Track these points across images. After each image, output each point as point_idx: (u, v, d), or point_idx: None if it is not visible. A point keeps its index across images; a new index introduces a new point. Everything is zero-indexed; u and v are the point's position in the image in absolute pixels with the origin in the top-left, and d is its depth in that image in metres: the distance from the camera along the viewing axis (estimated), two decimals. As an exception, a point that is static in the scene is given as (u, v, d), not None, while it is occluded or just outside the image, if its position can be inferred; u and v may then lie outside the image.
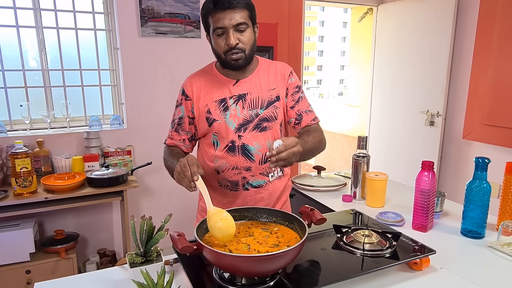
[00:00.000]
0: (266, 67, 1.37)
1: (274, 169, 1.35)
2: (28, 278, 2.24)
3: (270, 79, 1.35)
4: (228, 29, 1.20)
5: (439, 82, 3.28)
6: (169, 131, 1.40)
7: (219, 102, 1.30)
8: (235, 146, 1.30)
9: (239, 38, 1.22)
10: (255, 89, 1.32)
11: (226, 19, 1.19)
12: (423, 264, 1.06)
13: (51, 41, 2.58)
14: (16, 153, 2.10)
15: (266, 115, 1.32)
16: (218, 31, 1.21)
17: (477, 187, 1.27)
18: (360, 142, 1.69)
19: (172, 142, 1.38)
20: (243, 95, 1.31)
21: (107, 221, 2.79)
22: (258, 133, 1.31)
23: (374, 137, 4.04)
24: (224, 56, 1.24)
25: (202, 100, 1.31)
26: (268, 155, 1.07)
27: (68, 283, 1.03)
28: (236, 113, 1.29)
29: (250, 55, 1.27)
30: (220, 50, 1.24)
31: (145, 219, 1.00)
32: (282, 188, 1.42)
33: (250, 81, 1.32)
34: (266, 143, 1.31)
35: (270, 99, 1.32)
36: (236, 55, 1.23)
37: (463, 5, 3.12)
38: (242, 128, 1.30)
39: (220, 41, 1.22)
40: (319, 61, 39.48)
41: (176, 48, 2.79)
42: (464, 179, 3.24)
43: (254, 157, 1.30)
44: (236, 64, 1.25)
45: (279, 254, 0.86)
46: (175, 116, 1.37)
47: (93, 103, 2.77)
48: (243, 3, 1.20)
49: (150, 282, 0.82)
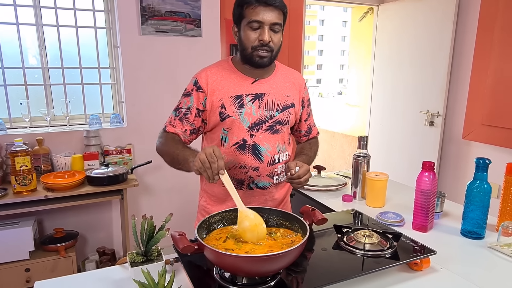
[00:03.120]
0: (283, 72, 1.40)
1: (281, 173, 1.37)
2: (27, 276, 2.24)
3: (287, 85, 1.37)
4: (265, 25, 1.20)
5: (439, 82, 3.28)
6: (171, 118, 1.34)
7: (235, 98, 1.28)
8: (246, 144, 1.29)
9: (272, 37, 1.22)
10: (272, 91, 1.33)
11: (266, 14, 1.19)
12: (423, 265, 1.06)
13: (51, 39, 2.57)
14: (15, 151, 2.10)
15: (281, 118, 1.33)
16: (254, 24, 1.20)
17: (477, 187, 1.27)
18: (361, 142, 1.69)
19: (173, 130, 1.32)
20: (261, 94, 1.31)
21: (106, 220, 2.79)
22: (270, 135, 1.31)
23: (374, 137, 4.04)
24: (251, 50, 1.24)
25: (217, 94, 1.29)
26: (290, 176, 1.22)
27: (69, 282, 1.03)
28: (251, 112, 1.29)
29: (275, 57, 1.29)
30: (250, 43, 1.23)
31: (146, 219, 1.00)
32: (285, 192, 1.43)
33: (268, 82, 1.33)
34: (276, 146, 1.32)
35: (285, 104, 1.34)
36: (264, 53, 1.23)
37: (463, 5, 3.12)
38: (255, 128, 1.29)
39: (253, 35, 1.22)
40: (319, 60, 39.48)
41: (177, 46, 2.79)
42: (463, 179, 3.24)
43: (263, 158, 1.30)
44: (260, 62, 1.25)
45: (280, 255, 0.86)
46: (182, 105, 1.32)
47: (93, 101, 2.76)
48: (283, 6, 1.23)
49: (151, 281, 0.81)
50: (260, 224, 1.01)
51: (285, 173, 1.32)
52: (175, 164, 1.25)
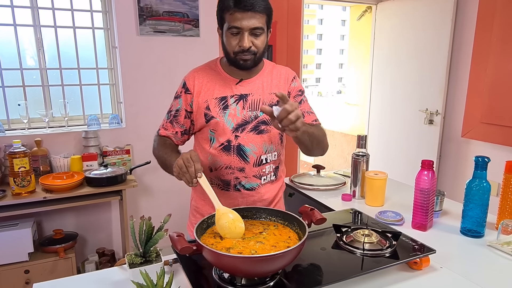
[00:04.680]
0: (271, 70, 1.36)
1: (268, 172, 1.34)
2: (26, 278, 2.24)
3: (273, 82, 1.34)
4: (244, 31, 1.18)
5: (438, 80, 3.28)
6: (164, 121, 1.38)
7: (220, 100, 1.29)
8: (231, 145, 1.28)
9: (253, 42, 1.20)
10: (257, 91, 1.31)
11: (244, 20, 1.16)
12: (423, 264, 1.06)
13: (49, 40, 2.56)
14: (14, 153, 2.09)
15: (265, 118, 1.30)
16: (233, 30, 1.19)
17: (476, 186, 1.27)
18: (360, 141, 1.68)
19: (165, 133, 1.36)
20: (245, 95, 1.30)
21: (105, 221, 2.78)
22: (255, 135, 1.30)
23: (373, 135, 4.04)
24: (233, 55, 1.23)
25: (203, 96, 1.29)
26: (276, 123, 1.02)
27: (67, 283, 1.02)
28: (235, 113, 1.28)
29: (259, 58, 1.26)
30: (231, 49, 1.22)
31: (144, 220, 0.99)
32: (275, 192, 1.40)
33: (253, 82, 1.31)
34: (262, 146, 1.30)
35: (271, 103, 1.31)
36: (246, 56, 1.22)
37: (462, 3, 3.12)
38: (240, 128, 1.28)
39: (233, 40, 1.21)
40: (318, 59, 39.47)
41: (175, 46, 2.78)
42: (463, 177, 3.24)
43: (249, 159, 1.29)
44: (244, 65, 1.24)
45: (279, 255, 0.86)
46: (172, 108, 1.35)
47: (92, 102, 2.75)
48: (263, 8, 1.18)
49: (150, 283, 0.81)
50: (237, 221, 1.03)
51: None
52: (165, 168, 1.28)
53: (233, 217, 1.03)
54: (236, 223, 1.02)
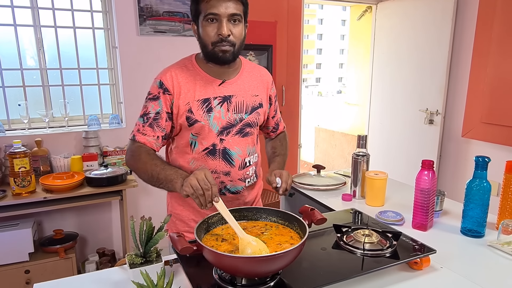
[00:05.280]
0: (250, 70, 1.34)
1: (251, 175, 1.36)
2: (27, 278, 2.24)
3: (254, 84, 1.33)
4: (222, 17, 1.13)
5: (438, 80, 3.28)
6: (139, 126, 1.24)
7: (203, 102, 1.22)
8: (216, 149, 1.24)
9: (231, 30, 1.15)
10: (240, 93, 1.28)
11: (221, 6, 1.12)
12: (423, 264, 1.06)
13: (49, 40, 2.57)
14: (14, 153, 2.09)
15: (250, 120, 1.30)
16: (210, 17, 1.13)
17: (477, 186, 1.27)
18: (360, 141, 1.68)
19: (144, 139, 1.22)
20: (229, 97, 1.25)
21: (106, 221, 2.78)
22: (240, 138, 1.28)
23: (373, 135, 4.04)
24: (211, 46, 1.17)
25: (183, 98, 1.21)
26: (281, 190, 1.22)
27: (67, 283, 1.02)
28: (220, 116, 1.24)
29: (238, 51, 1.21)
30: (209, 39, 1.16)
31: (145, 220, 0.99)
32: (256, 193, 1.40)
33: (235, 83, 1.28)
34: (246, 149, 1.30)
35: (253, 105, 1.30)
36: (225, 47, 1.16)
37: (462, 3, 3.12)
38: (225, 132, 1.25)
39: (211, 30, 1.15)
40: (318, 59, 39.48)
41: (175, 46, 2.78)
42: (463, 177, 3.24)
43: (234, 162, 1.27)
44: (223, 57, 1.18)
45: (279, 255, 0.86)
46: (150, 110, 1.23)
47: (92, 102, 2.75)
48: None
49: (150, 283, 0.81)
50: (262, 250, 0.95)
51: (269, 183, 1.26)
52: (154, 182, 1.17)
53: (257, 244, 0.96)
54: (262, 251, 0.94)
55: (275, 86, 1.48)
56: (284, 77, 3.35)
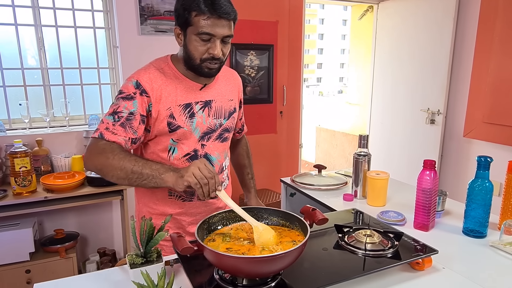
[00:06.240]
0: (225, 74, 1.34)
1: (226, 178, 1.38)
2: (28, 278, 2.24)
3: (229, 89, 1.34)
4: (217, 38, 1.11)
5: (440, 80, 3.27)
6: (107, 124, 1.13)
7: (184, 107, 1.19)
8: (198, 155, 1.23)
9: (222, 50, 1.15)
10: (219, 97, 1.28)
11: (218, 27, 1.10)
12: (425, 264, 1.06)
13: (50, 40, 2.57)
14: (15, 152, 2.09)
15: (228, 126, 1.31)
16: (204, 36, 1.10)
17: (479, 186, 1.26)
18: (361, 141, 1.68)
19: (115, 138, 1.11)
20: (209, 101, 1.25)
21: (107, 220, 2.78)
22: (219, 143, 1.29)
23: (374, 135, 4.03)
24: (199, 61, 1.15)
25: (164, 102, 1.17)
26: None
27: (68, 283, 1.02)
28: (202, 121, 1.23)
29: (222, 65, 1.22)
30: (198, 55, 1.14)
31: (145, 220, 0.99)
32: (229, 195, 1.39)
33: (213, 87, 1.28)
34: (223, 153, 1.31)
35: (230, 110, 1.32)
36: (213, 65, 1.15)
37: (464, 2, 3.11)
38: (205, 137, 1.24)
39: (201, 47, 1.12)
40: (319, 59, 39.48)
41: (176, 46, 2.77)
42: (465, 177, 3.23)
43: (214, 168, 1.24)
44: (209, 73, 1.18)
45: (280, 255, 0.85)
46: (122, 109, 1.13)
47: (93, 101, 2.75)
48: (234, 16, 1.14)
49: (151, 283, 0.81)
50: (273, 234, 1.01)
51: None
52: (135, 179, 1.08)
53: (271, 230, 1.01)
54: (275, 235, 1.00)
55: (276, 86, 1.49)
56: (285, 77, 3.34)
